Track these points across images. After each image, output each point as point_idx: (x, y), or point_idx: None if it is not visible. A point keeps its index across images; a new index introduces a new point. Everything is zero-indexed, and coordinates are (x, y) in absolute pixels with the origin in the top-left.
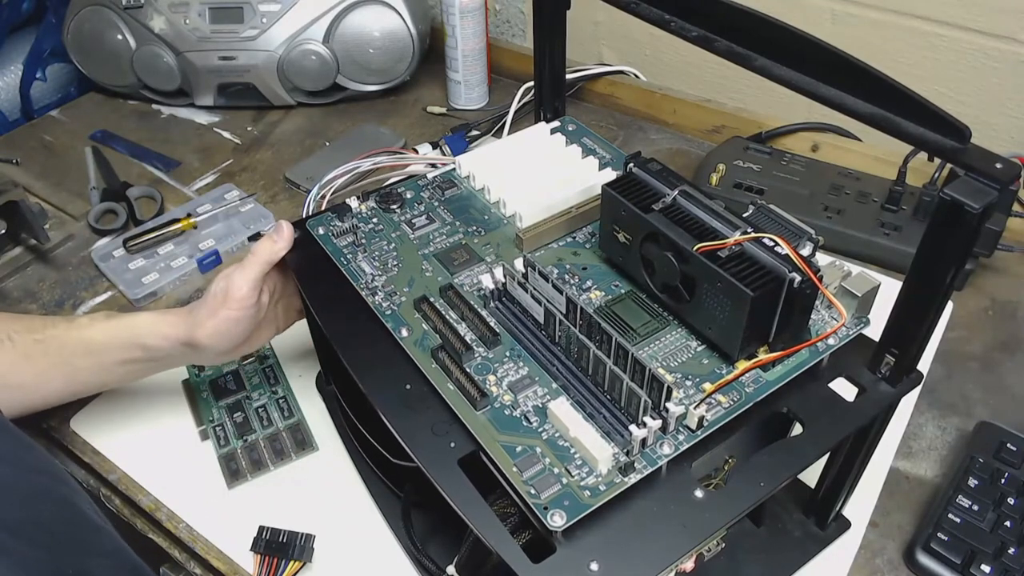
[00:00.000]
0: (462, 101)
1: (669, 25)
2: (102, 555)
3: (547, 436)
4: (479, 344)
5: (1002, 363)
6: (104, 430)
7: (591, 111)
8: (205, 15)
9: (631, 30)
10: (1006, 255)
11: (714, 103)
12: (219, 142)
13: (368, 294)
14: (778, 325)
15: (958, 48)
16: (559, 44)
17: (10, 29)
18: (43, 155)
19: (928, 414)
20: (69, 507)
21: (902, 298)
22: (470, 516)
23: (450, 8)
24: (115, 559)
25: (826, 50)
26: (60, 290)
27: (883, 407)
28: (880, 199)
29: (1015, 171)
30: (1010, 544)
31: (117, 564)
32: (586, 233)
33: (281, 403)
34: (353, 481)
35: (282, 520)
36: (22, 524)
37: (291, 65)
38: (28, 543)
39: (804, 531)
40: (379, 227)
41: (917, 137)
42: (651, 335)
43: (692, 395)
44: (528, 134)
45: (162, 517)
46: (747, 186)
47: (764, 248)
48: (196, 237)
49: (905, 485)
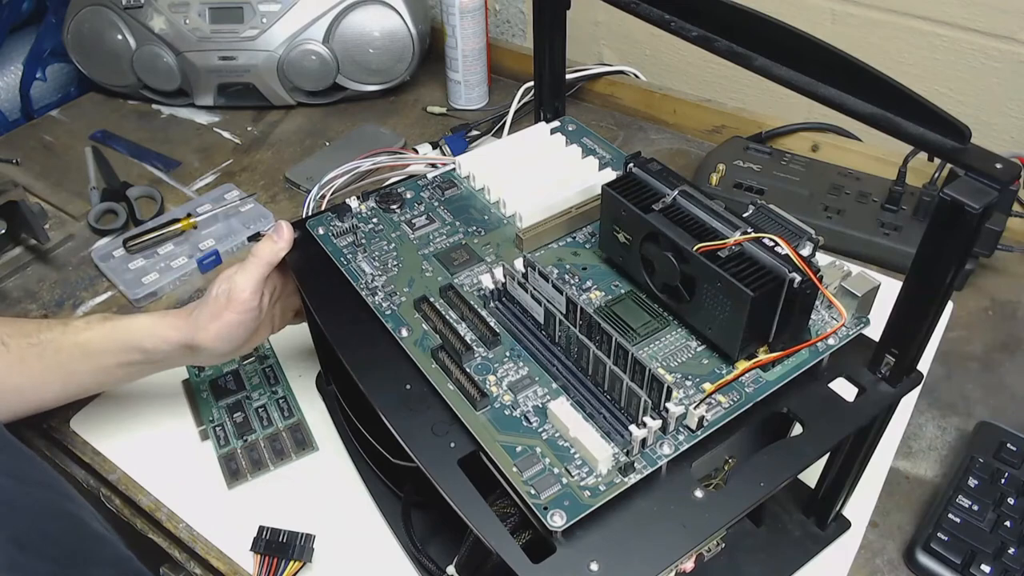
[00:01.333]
0: (462, 101)
1: (669, 25)
2: (107, 564)
3: (547, 436)
4: (479, 344)
5: (1002, 363)
6: (104, 430)
7: (591, 111)
8: (205, 15)
9: (631, 30)
10: (1006, 255)
11: (714, 103)
12: (219, 142)
13: (368, 294)
14: (778, 325)
15: (958, 48)
16: (559, 44)
17: (10, 29)
18: (43, 155)
19: (928, 414)
20: (73, 519)
21: (902, 298)
22: (470, 516)
23: (450, 8)
24: (119, 568)
25: (826, 50)
26: (60, 290)
27: (883, 407)
28: (880, 199)
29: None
30: (1010, 544)
31: (121, 573)
32: (586, 233)
33: (281, 403)
34: (353, 481)
35: (282, 520)
36: (30, 539)
37: (291, 65)
38: (36, 556)
39: (804, 531)
40: (379, 227)
41: (917, 137)
42: (651, 335)
43: (692, 395)
44: (528, 134)
45: (162, 517)
46: (747, 186)
47: (764, 248)
48: (196, 237)
49: (905, 485)
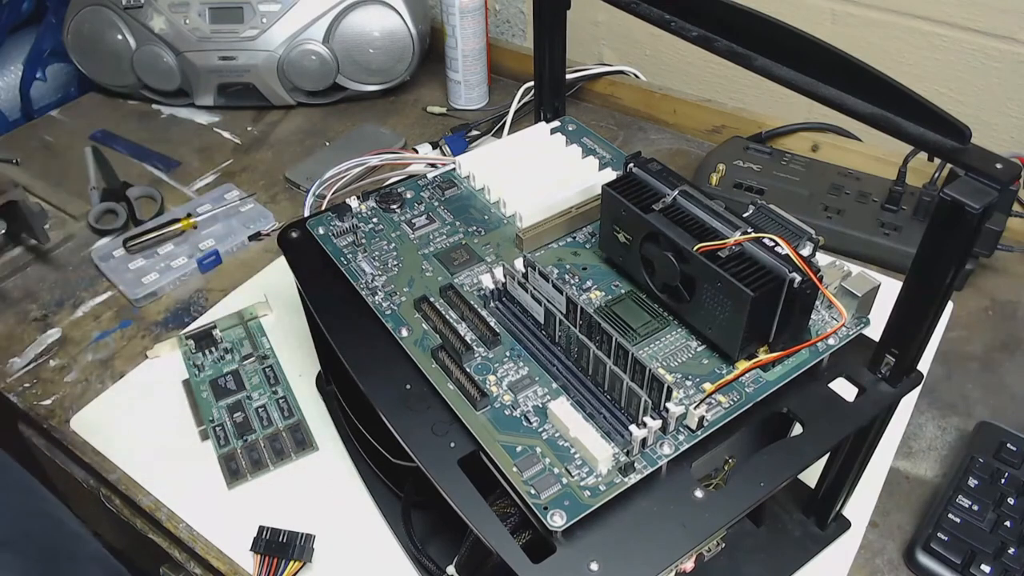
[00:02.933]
0: (462, 101)
1: (669, 25)
2: (88, 560)
3: (547, 436)
4: (479, 344)
5: (1002, 363)
6: (104, 430)
7: (591, 111)
8: (205, 15)
9: (631, 30)
10: (1006, 255)
11: (714, 103)
12: (219, 142)
13: (368, 294)
14: (778, 325)
15: (958, 48)
16: (559, 44)
17: (10, 29)
18: (43, 155)
19: (928, 414)
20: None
21: (902, 298)
22: (470, 516)
23: (450, 8)
24: (101, 564)
25: (826, 50)
26: (60, 290)
27: (883, 407)
28: (880, 199)
29: (1015, 171)
30: (1010, 544)
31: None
32: (586, 233)
33: (281, 403)
34: (353, 481)
35: (282, 520)
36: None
37: (291, 65)
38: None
39: (804, 531)
40: (379, 227)
41: (917, 137)
42: (651, 335)
43: (692, 395)
44: (528, 134)
45: (162, 517)
46: (747, 186)
47: (764, 248)
48: (196, 237)
49: (905, 485)
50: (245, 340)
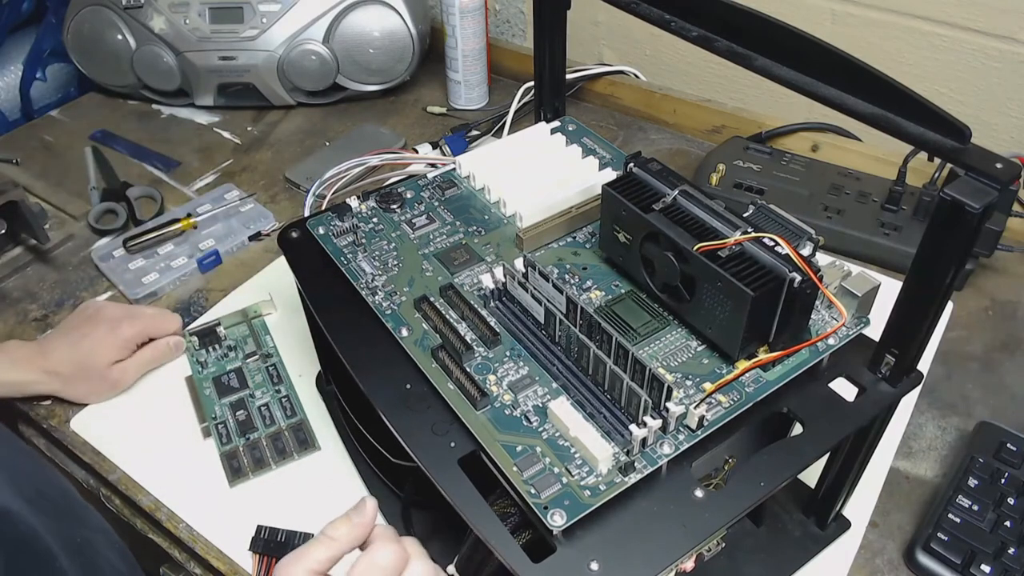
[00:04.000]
0: (462, 101)
1: (669, 25)
2: (95, 530)
3: (547, 436)
4: (479, 344)
5: (1002, 363)
6: (104, 430)
7: (591, 111)
8: (205, 15)
9: (631, 30)
10: (1006, 255)
11: (714, 103)
12: (219, 142)
13: (368, 294)
14: (778, 325)
15: (958, 48)
16: (559, 44)
17: (10, 29)
18: (43, 155)
19: (928, 414)
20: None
21: (902, 298)
22: (470, 516)
23: (450, 8)
24: (106, 537)
25: (826, 50)
26: (60, 290)
27: (883, 407)
28: (880, 199)
29: (1015, 171)
30: (1010, 544)
31: (108, 541)
32: (586, 233)
33: (284, 402)
34: (353, 481)
35: (282, 519)
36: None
37: (291, 65)
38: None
39: (804, 531)
40: (379, 227)
41: (917, 137)
42: (651, 335)
43: (692, 395)
44: (528, 134)
45: (162, 517)
46: (747, 186)
47: (764, 248)
48: (196, 237)
49: (905, 485)
50: (248, 338)
